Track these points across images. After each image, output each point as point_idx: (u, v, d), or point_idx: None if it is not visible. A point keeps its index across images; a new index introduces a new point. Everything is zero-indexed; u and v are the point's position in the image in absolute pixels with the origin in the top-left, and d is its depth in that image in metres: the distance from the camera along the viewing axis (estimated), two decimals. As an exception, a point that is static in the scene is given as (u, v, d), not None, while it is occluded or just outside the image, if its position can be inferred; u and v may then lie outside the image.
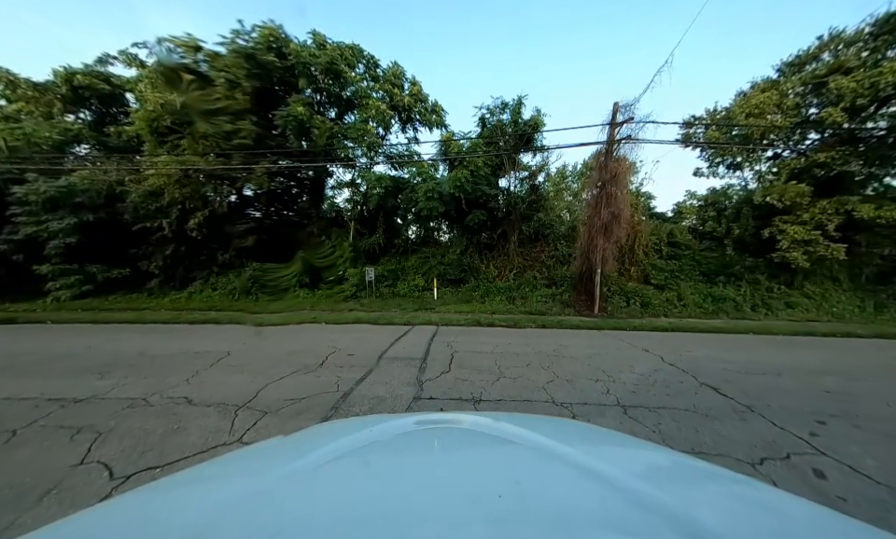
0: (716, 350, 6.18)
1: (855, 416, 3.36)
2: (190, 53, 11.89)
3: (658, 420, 3.23)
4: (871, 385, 4.38)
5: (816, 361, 5.54)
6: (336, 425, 1.54)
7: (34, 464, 2.44)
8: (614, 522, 0.56)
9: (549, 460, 0.82)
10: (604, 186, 10.03)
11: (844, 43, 11.63)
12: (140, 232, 12.56)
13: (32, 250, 11.59)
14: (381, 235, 14.13)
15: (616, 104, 9.78)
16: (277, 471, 0.78)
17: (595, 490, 0.67)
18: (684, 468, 0.91)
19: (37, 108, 14.67)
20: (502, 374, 4.54)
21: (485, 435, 1.01)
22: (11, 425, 3.02)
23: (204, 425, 3.04)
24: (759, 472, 2.43)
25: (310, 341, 6.48)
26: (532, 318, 9.09)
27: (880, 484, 2.27)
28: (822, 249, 10.53)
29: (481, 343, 6.35)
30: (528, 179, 14.15)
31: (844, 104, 10.09)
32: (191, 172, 12.43)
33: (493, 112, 12.82)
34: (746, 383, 4.27)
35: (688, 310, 10.41)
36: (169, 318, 9.28)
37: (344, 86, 13.58)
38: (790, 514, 0.66)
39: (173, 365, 4.92)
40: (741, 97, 13.04)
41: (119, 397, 3.68)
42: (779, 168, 12.16)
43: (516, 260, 13.19)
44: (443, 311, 9.98)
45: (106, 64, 15.14)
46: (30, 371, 4.64)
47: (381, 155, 14.81)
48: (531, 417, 2.18)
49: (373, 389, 3.97)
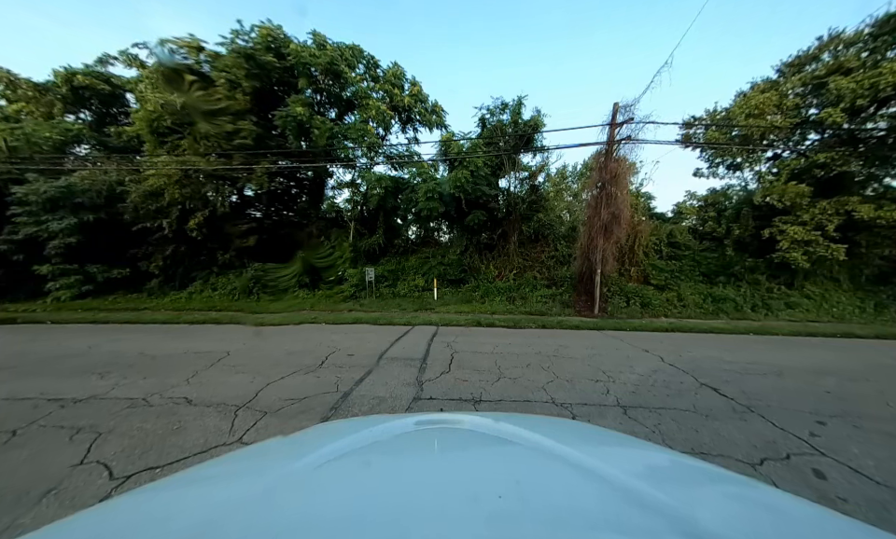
0: (716, 350, 6.18)
1: (855, 416, 3.35)
2: (193, 54, 11.92)
3: (658, 420, 3.22)
4: (871, 385, 4.38)
5: (816, 361, 5.53)
6: (336, 425, 1.54)
7: (33, 465, 2.44)
8: (614, 522, 0.56)
9: (549, 460, 0.82)
10: (604, 186, 10.04)
11: (843, 43, 11.64)
12: (140, 232, 12.56)
13: (32, 250, 11.59)
14: (381, 235, 14.14)
15: (616, 105, 9.79)
16: (277, 471, 0.78)
17: (595, 491, 0.67)
18: (684, 468, 0.91)
19: (38, 108, 14.69)
20: (502, 374, 4.53)
21: (485, 435, 1.01)
22: (11, 425, 3.02)
23: (204, 425, 3.04)
24: (759, 472, 2.42)
25: (310, 342, 6.48)
26: (532, 318, 9.09)
27: (880, 484, 2.27)
28: (822, 249, 10.53)
29: (481, 343, 6.34)
30: (528, 179, 14.15)
31: (844, 105, 10.09)
32: (191, 173, 12.43)
33: (493, 112, 12.83)
34: (746, 384, 4.26)
35: (688, 311, 10.41)
36: (169, 318, 9.28)
37: (344, 86, 13.60)
38: (790, 514, 0.66)
39: (173, 365, 4.91)
40: (741, 97, 13.04)
41: (118, 397, 3.68)
42: (779, 168, 12.16)
43: (516, 260, 13.19)
44: (443, 312, 9.97)
45: (107, 65, 15.18)
46: (30, 371, 4.64)
47: (381, 155, 14.84)
48: (531, 417, 2.18)
49: (373, 389, 3.97)
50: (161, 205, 12.29)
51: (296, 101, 12.09)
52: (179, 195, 12.15)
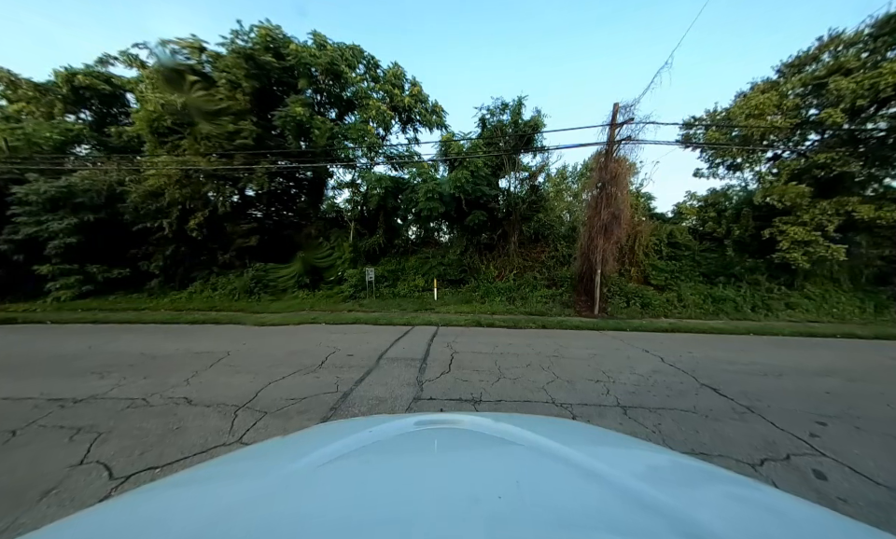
0: (716, 350, 6.18)
1: (855, 417, 3.35)
2: (195, 55, 11.94)
3: (658, 420, 3.22)
4: (871, 386, 4.38)
5: (816, 362, 5.53)
6: (336, 425, 1.53)
7: (33, 465, 2.43)
8: (614, 523, 0.56)
9: (549, 460, 0.82)
10: (604, 186, 10.03)
11: (843, 44, 11.64)
12: (140, 232, 12.57)
13: (32, 250, 11.60)
14: (381, 235, 14.14)
15: (616, 105, 9.79)
16: (277, 471, 0.78)
17: (595, 491, 0.67)
18: (684, 469, 0.91)
19: (38, 109, 14.69)
20: (502, 375, 4.53)
21: (485, 435, 1.01)
22: (11, 425, 3.02)
23: (204, 425, 3.04)
24: (759, 473, 2.42)
25: (310, 342, 6.48)
26: (532, 318, 9.09)
27: (881, 485, 2.27)
28: (822, 250, 10.53)
29: (481, 344, 6.34)
30: (528, 179, 14.15)
31: (844, 105, 10.08)
32: (192, 173, 12.44)
33: (493, 112, 12.83)
34: (746, 384, 4.26)
35: (688, 311, 10.41)
36: (169, 318, 9.28)
37: (345, 86, 13.60)
38: (790, 515, 0.66)
39: (173, 365, 4.91)
40: (741, 98, 13.04)
41: (118, 397, 3.68)
42: (779, 169, 12.16)
43: (516, 261, 13.19)
44: (443, 312, 9.97)
45: (107, 65, 15.17)
46: (30, 371, 4.64)
47: (381, 155, 14.83)
48: (531, 417, 2.18)
49: (373, 389, 3.97)
50: (161, 205, 12.29)
51: (295, 101, 12.10)
52: (179, 195, 12.16)
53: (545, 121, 12.27)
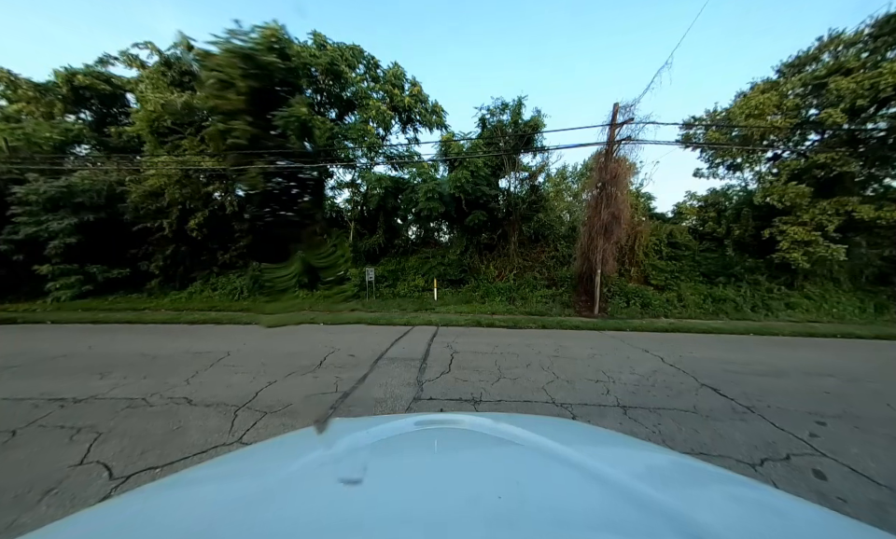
0: (716, 350, 6.18)
1: (855, 417, 3.35)
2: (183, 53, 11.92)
3: (658, 420, 3.22)
4: (871, 386, 4.38)
5: (816, 362, 5.53)
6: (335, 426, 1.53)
7: (33, 465, 2.43)
8: (614, 523, 0.56)
9: (549, 460, 0.82)
10: (604, 186, 10.03)
11: (843, 44, 11.65)
12: (140, 232, 12.56)
13: (32, 250, 11.58)
14: (381, 235, 14.15)
15: (616, 105, 9.79)
16: (277, 471, 0.78)
17: (595, 491, 0.67)
18: (684, 469, 0.91)
19: (38, 108, 14.67)
20: (502, 375, 4.53)
21: (485, 435, 1.01)
22: (11, 425, 3.01)
23: (204, 425, 3.04)
24: (759, 473, 2.42)
25: (309, 342, 6.48)
26: (532, 318, 9.09)
27: (881, 485, 2.27)
28: (822, 250, 10.53)
29: (481, 344, 6.34)
30: (528, 179, 14.16)
31: (844, 105, 10.09)
32: (191, 173, 12.43)
33: (493, 112, 12.84)
34: (746, 384, 4.26)
35: (688, 311, 10.41)
36: (169, 318, 9.28)
37: (345, 86, 13.60)
38: (790, 515, 0.66)
39: (173, 365, 4.91)
40: (741, 98, 13.05)
41: (118, 397, 3.68)
42: (779, 169, 12.16)
43: (516, 261, 13.19)
44: (443, 312, 9.98)
45: (107, 65, 15.15)
46: (30, 371, 4.64)
47: (381, 155, 14.83)
48: (531, 417, 2.19)
49: (373, 390, 3.96)
50: (161, 205, 12.29)
51: (299, 101, 12.11)
52: (179, 195, 12.15)
53: (545, 121, 12.30)
